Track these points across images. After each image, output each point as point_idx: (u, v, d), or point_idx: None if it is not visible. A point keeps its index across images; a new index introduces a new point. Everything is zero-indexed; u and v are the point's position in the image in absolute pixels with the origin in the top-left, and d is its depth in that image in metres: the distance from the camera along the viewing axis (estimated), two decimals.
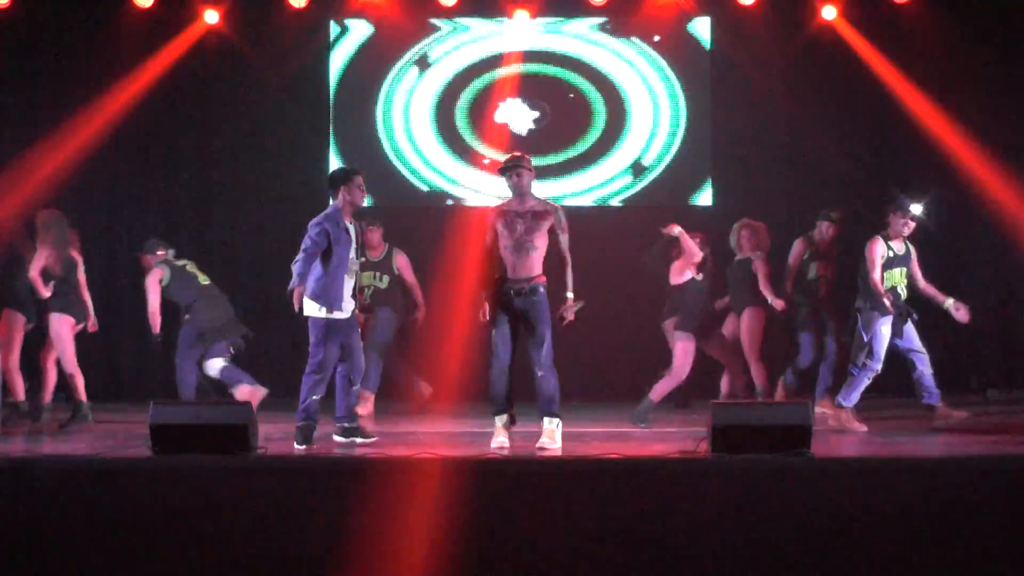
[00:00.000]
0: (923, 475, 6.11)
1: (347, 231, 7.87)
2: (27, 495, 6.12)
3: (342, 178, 7.95)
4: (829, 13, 11.84)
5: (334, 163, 12.34)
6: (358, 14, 12.30)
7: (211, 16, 11.95)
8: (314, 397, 7.71)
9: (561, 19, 12.40)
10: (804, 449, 6.39)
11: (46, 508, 6.09)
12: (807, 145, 12.15)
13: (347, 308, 7.85)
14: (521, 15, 12.07)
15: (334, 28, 12.40)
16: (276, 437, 7.76)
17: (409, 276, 10.25)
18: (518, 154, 7.88)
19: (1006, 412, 9.75)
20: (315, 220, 7.85)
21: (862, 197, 12.25)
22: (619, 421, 9.22)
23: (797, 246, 9.80)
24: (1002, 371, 11.86)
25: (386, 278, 10.18)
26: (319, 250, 7.73)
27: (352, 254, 7.90)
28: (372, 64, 12.47)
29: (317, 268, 7.74)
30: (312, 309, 7.76)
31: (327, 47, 12.42)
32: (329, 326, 7.76)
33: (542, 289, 7.54)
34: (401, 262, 10.22)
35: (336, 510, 6.06)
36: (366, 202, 8.65)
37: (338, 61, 12.48)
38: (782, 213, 12.16)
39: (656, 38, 12.36)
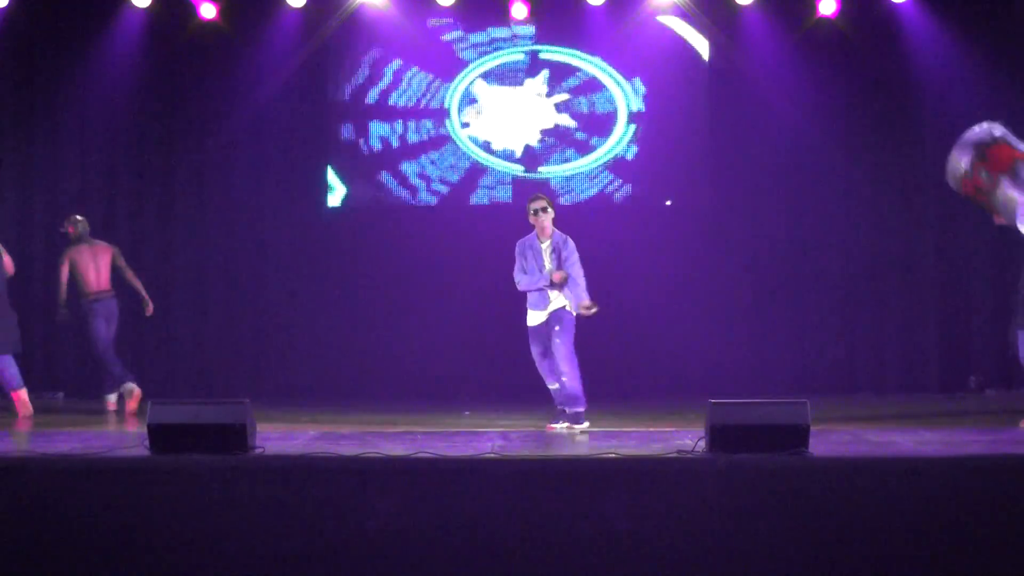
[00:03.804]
0: (923, 475, 6.09)
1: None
2: (24, 494, 6.11)
3: None
4: (827, 8, 11.83)
5: (333, 162, 12.36)
6: (357, 13, 12.30)
7: (208, 10, 11.92)
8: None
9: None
10: (802, 448, 6.38)
11: (43, 508, 6.08)
12: (807, 145, 12.14)
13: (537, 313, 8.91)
14: (520, 10, 12.05)
15: (333, 28, 12.40)
16: (275, 437, 7.75)
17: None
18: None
19: (1007, 412, 9.73)
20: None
21: (862, 197, 12.26)
22: (616, 421, 9.22)
23: None
24: (1001, 371, 11.85)
25: None
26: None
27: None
28: (370, 63, 12.48)
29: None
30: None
31: (326, 47, 12.42)
32: None
33: None
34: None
35: (336, 510, 6.05)
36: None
37: (336, 60, 12.51)
38: (782, 213, 12.17)
39: (654, 37, 12.37)
